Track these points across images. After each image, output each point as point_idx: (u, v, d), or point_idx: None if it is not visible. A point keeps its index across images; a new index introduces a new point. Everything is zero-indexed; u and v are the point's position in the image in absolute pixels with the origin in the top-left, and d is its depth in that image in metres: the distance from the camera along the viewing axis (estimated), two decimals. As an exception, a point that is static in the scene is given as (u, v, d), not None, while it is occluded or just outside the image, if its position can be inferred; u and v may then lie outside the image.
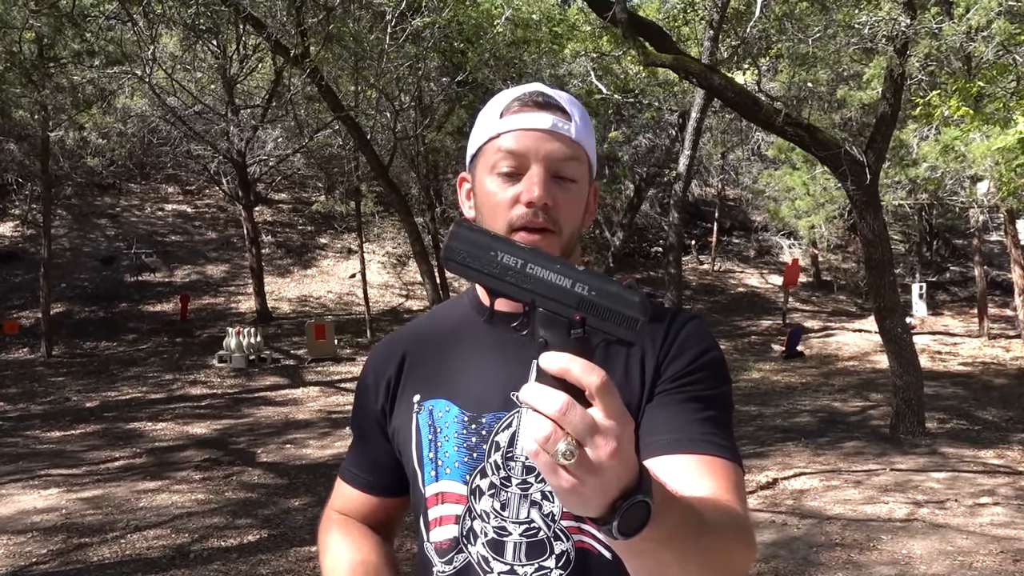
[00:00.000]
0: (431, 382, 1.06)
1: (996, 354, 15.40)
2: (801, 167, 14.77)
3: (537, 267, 0.67)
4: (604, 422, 0.61)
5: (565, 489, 0.62)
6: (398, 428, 1.08)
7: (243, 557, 4.97)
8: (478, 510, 1.00)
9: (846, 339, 16.72)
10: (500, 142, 0.99)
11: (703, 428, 0.93)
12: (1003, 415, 10.10)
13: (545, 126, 0.98)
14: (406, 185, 18.23)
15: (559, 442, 0.59)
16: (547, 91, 1.02)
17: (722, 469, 0.90)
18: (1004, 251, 18.85)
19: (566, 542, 0.98)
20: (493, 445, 1.00)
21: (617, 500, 0.63)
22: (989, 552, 4.86)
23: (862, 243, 8.78)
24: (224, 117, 15.61)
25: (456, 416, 1.02)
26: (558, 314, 0.66)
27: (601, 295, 0.66)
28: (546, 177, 0.97)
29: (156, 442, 8.71)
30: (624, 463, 0.62)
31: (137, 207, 20.32)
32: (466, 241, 0.70)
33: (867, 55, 11.75)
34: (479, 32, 13.53)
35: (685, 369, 0.98)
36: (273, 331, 15.54)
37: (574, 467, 0.60)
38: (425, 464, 1.04)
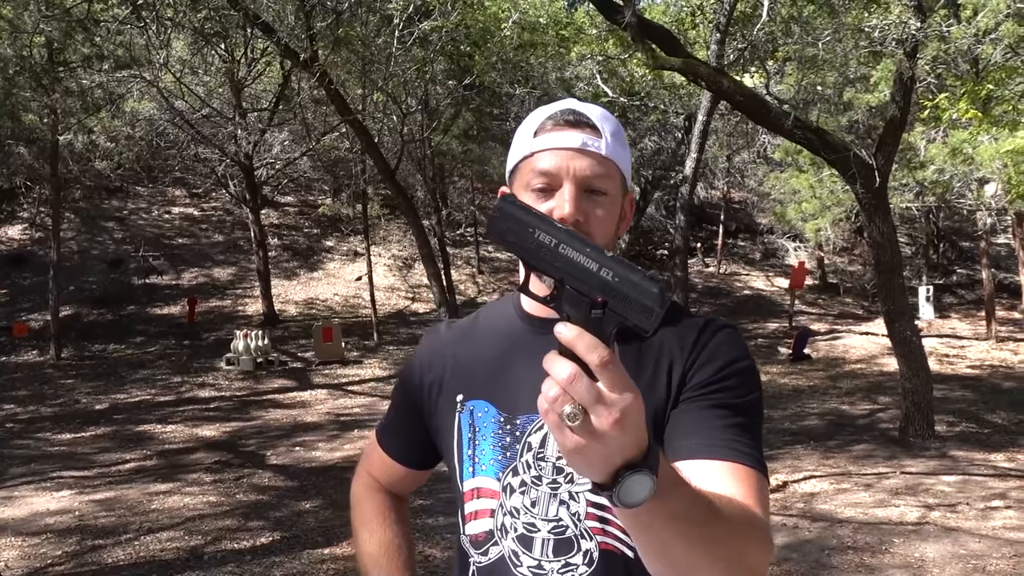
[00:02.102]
0: (473, 383, 1.12)
1: (1004, 357, 15.36)
2: (808, 170, 14.76)
3: (569, 248, 0.72)
4: (608, 394, 0.65)
5: (569, 448, 0.67)
6: (440, 424, 1.15)
7: (256, 559, 4.99)
8: (509, 506, 1.05)
9: (853, 342, 16.70)
10: (533, 161, 1.03)
11: (728, 435, 0.95)
12: (1012, 418, 10.08)
13: (575, 145, 1.02)
14: (412, 188, 18.28)
15: (565, 405, 0.65)
16: (579, 108, 1.05)
17: (745, 476, 0.91)
18: (1012, 254, 18.81)
19: (590, 541, 1.02)
20: (525, 445, 1.05)
21: (620, 469, 0.67)
22: (1002, 556, 4.85)
23: (871, 246, 8.78)
24: (232, 120, 15.67)
25: (493, 416, 1.08)
26: (582, 293, 0.70)
27: (623, 282, 0.69)
28: (577, 194, 1.01)
29: (166, 444, 8.74)
30: (628, 435, 0.66)
31: (144, 210, 20.40)
32: (509, 216, 0.75)
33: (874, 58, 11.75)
34: (486, 35, 13.57)
35: (713, 377, 0.99)
36: (280, 334, 15.58)
37: (578, 429, 0.65)
38: (464, 461, 1.10)
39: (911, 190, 14.60)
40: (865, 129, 15.21)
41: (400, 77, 12.97)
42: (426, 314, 17.78)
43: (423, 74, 13.43)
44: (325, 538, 5.40)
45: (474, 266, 20.97)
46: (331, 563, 4.90)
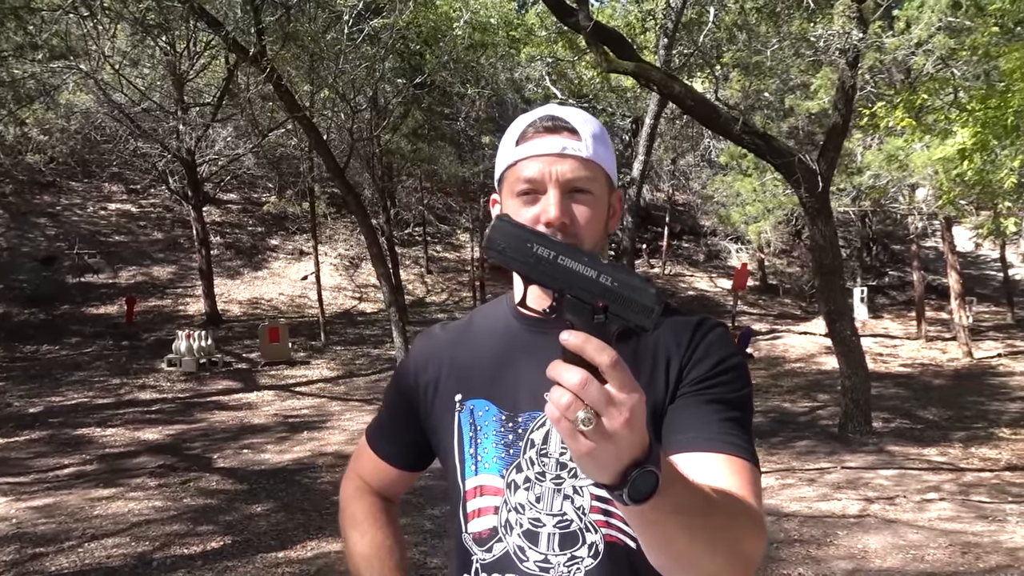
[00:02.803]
0: (472, 383, 1.13)
1: (934, 356, 16.06)
2: (752, 173, 15.15)
3: (567, 259, 0.75)
4: (618, 395, 0.68)
5: (583, 453, 0.69)
6: (437, 424, 1.16)
7: (208, 564, 4.87)
8: (513, 503, 1.07)
9: (792, 341, 17.21)
10: (518, 169, 1.06)
11: (723, 428, 0.98)
12: (943, 414, 10.55)
13: (556, 150, 1.04)
14: (360, 186, 18.08)
15: (579, 411, 0.67)
16: (559, 113, 1.08)
17: (740, 468, 0.95)
18: (940, 256, 19.66)
19: (595, 534, 1.04)
20: (528, 442, 1.07)
21: (628, 468, 0.71)
22: (939, 545, 5.08)
23: (813, 249, 9.08)
24: (173, 115, 15.24)
25: (495, 415, 1.10)
26: (583, 301, 0.74)
27: (622, 286, 0.73)
28: (561, 197, 1.04)
29: (107, 448, 8.45)
30: (635, 433, 0.69)
31: (79, 206, 19.65)
32: (506, 234, 0.78)
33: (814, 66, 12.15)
34: (437, 34, 13.53)
35: (708, 373, 1.03)
36: (224, 334, 15.21)
37: (591, 433, 0.67)
38: (466, 459, 1.11)
39: (848, 195, 15.13)
40: (805, 135, 15.71)
41: (349, 74, 12.81)
42: (374, 314, 17.61)
43: (373, 72, 13.30)
44: (279, 541, 5.31)
45: (422, 266, 20.86)
46: (286, 566, 4.82)
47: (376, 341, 15.62)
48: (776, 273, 23.38)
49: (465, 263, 20.97)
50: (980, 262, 24.55)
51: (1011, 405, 11.30)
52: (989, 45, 8.73)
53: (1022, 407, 11.15)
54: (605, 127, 5.16)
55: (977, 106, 8.25)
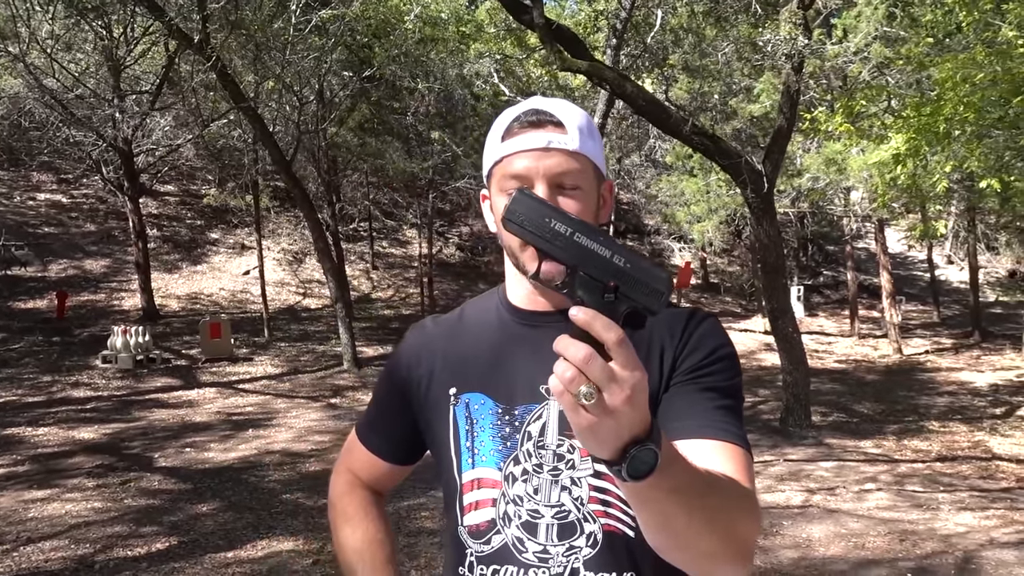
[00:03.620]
0: (466, 376, 1.13)
1: (866, 352, 16.69)
2: (698, 174, 15.46)
3: (584, 236, 0.76)
4: (620, 372, 0.69)
5: (583, 427, 0.70)
6: (431, 418, 1.15)
7: (154, 566, 4.73)
8: (511, 495, 1.08)
9: (733, 338, 17.52)
10: (504, 165, 1.06)
11: (716, 416, 1.01)
12: (877, 408, 10.98)
13: (541, 144, 1.04)
14: (305, 180, 17.75)
15: (581, 385, 0.68)
16: (543, 106, 1.07)
17: (734, 454, 0.98)
18: (873, 257, 20.44)
19: (593, 523, 1.05)
20: (525, 435, 1.07)
21: (628, 444, 0.72)
22: (878, 533, 5.30)
23: (757, 248, 9.32)
24: (109, 103, 14.67)
25: (491, 408, 1.10)
26: (596, 279, 0.75)
27: (635, 268, 0.75)
28: (550, 192, 1.03)
29: (39, 448, 8.10)
30: (636, 411, 0.70)
31: (5, 196, 18.74)
32: (525, 206, 0.79)
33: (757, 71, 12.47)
34: (387, 28, 13.38)
35: (701, 362, 1.06)
36: (162, 330, 14.74)
37: (592, 408, 0.68)
38: (463, 452, 1.11)
39: (788, 196, 15.59)
40: (747, 137, 16.10)
41: (296, 65, 12.56)
42: (319, 310, 17.33)
43: (320, 63, 13.07)
44: (227, 541, 5.18)
45: (368, 262, 20.62)
46: (236, 567, 4.72)
47: (321, 337, 15.38)
48: (718, 272, 23.93)
49: (412, 259, 20.82)
50: (909, 263, 25.63)
51: (939, 399, 11.84)
52: (922, 55, 9.12)
53: (949, 401, 11.69)
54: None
55: (911, 113, 8.61)
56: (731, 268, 24.33)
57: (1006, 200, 10.35)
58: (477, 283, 20.65)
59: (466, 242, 22.60)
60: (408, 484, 6.31)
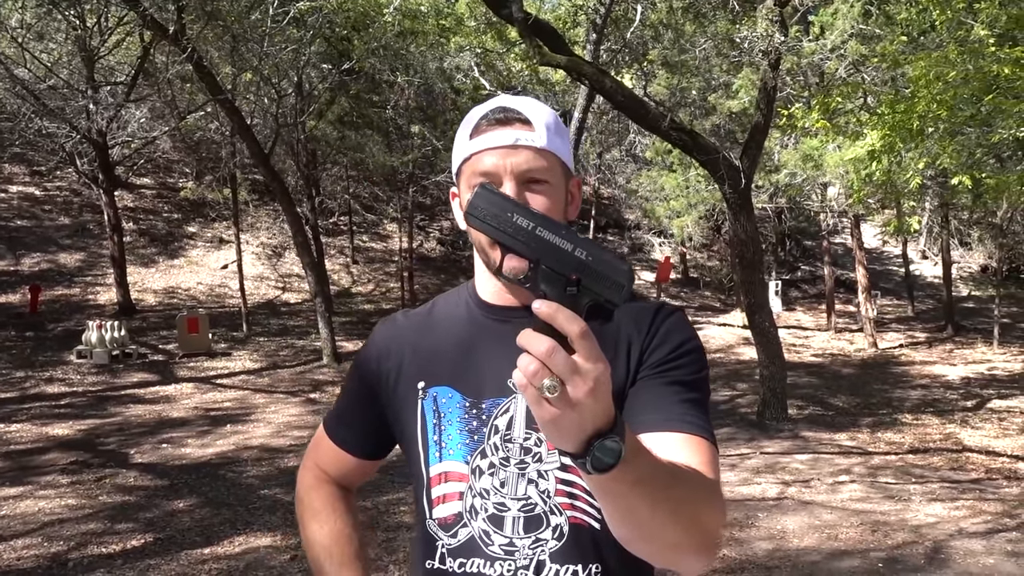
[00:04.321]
0: (435, 370, 1.14)
1: (842, 346, 16.89)
2: (677, 169, 15.53)
3: (545, 231, 0.77)
4: (584, 364, 0.69)
5: (547, 420, 0.71)
6: (400, 411, 1.16)
7: (129, 563, 4.69)
8: (478, 488, 1.09)
9: (712, 332, 17.79)
10: (473, 163, 1.06)
11: (682, 409, 1.03)
12: (852, 401, 11.13)
13: (509, 142, 1.05)
14: (284, 173, 17.61)
15: (544, 378, 0.68)
16: (510, 104, 1.08)
17: (699, 446, 1.00)
18: (849, 252, 20.67)
19: (560, 516, 1.07)
20: (492, 428, 1.09)
21: (592, 437, 0.72)
22: (851, 524, 5.38)
23: (735, 243, 9.40)
24: (83, 94, 14.45)
25: (458, 402, 1.11)
26: (558, 272, 0.76)
27: (596, 261, 0.75)
28: (518, 188, 1.04)
29: (12, 445, 7.99)
30: (599, 403, 0.71)
31: (-24, 188, 18.43)
32: (487, 201, 0.80)
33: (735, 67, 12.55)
34: (366, 20, 13.29)
35: (667, 356, 1.07)
36: (138, 324, 14.58)
37: (556, 400, 0.69)
38: (430, 446, 1.13)
39: (765, 191, 15.72)
40: (726, 132, 16.20)
41: (274, 57, 12.44)
42: (298, 304, 17.23)
43: (299, 56, 12.96)
44: (204, 538, 5.16)
45: (348, 256, 20.52)
46: (213, 563, 4.70)
47: (301, 332, 15.29)
48: (697, 266, 24.08)
49: (392, 253, 20.74)
50: (884, 258, 25.96)
51: (912, 392, 12.03)
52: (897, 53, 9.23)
53: (922, 394, 11.88)
54: None
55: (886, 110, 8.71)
56: (711, 263, 24.50)
57: (978, 196, 10.51)
58: (458, 277, 20.62)
59: (447, 236, 22.55)
60: (387, 479, 6.31)
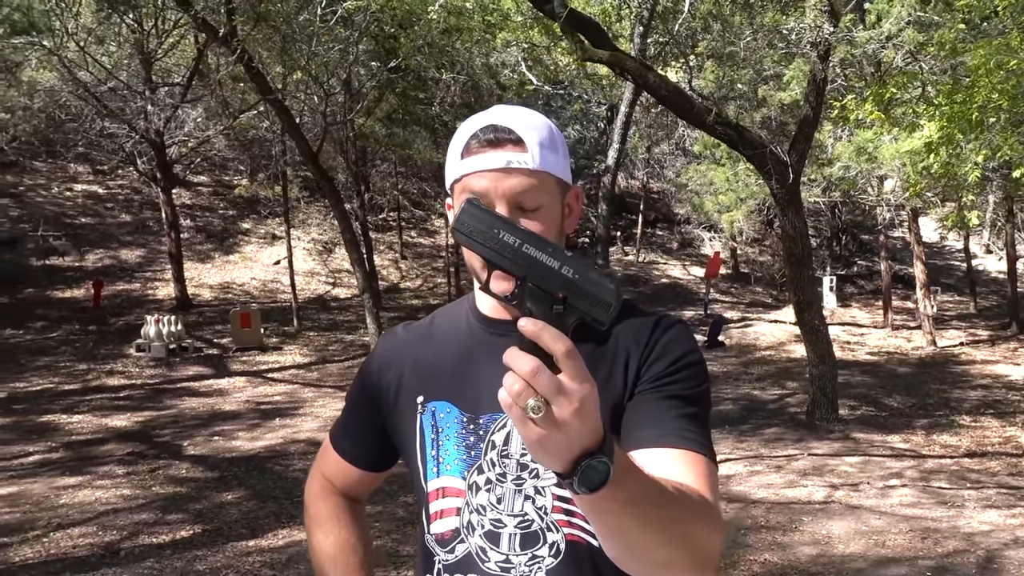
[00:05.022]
0: (433, 385, 1.14)
1: (899, 344, 16.38)
2: (725, 163, 15.25)
3: (532, 248, 0.76)
4: (569, 384, 0.68)
5: (533, 440, 0.70)
6: (400, 425, 1.16)
7: (177, 553, 4.85)
8: (475, 504, 1.08)
9: (763, 329, 17.44)
10: (462, 184, 1.05)
11: (680, 424, 1.00)
12: (907, 402, 10.78)
13: (500, 164, 1.02)
14: (334, 171, 17.89)
15: (529, 398, 0.67)
16: (502, 122, 1.04)
17: (695, 462, 0.97)
18: (907, 247, 20.01)
19: (556, 533, 1.05)
20: (489, 444, 1.07)
21: (579, 457, 0.71)
22: (900, 531, 5.22)
23: (783, 239, 9.19)
24: (141, 95, 14.92)
25: (456, 417, 1.10)
26: (544, 290, 0.75)
27: (583, 279, 0.74)
28: (510, 213, 1.03)
29: (73, 435, 8.33)
30: (586, 423, 0.70)
31: (43, 186, 19.21)
32: (474, 217, 0.79)
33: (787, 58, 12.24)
34: (412, 18, 13.38)
35: (666, 370, 1.05)
36: (194, 319, 15.03)
37: (541, 421, 0.68)
38: (428, 461, 1.12)
39: (819, 185, 15.32)
40: (777, 125, 15.82)
41: (323, 56, 12.63)
42: (347, 299, 17.51)
43: (346, 54, 13.14)
44: (249, 530, 5.29)
45: (397, 251, 20.76)
46: (257, 555, 4.82)
47: (350, 327, 15.54)
48: (748, 262, 23.64)
49: (440, 249, 20.90)
50: (945, 252, 25.05)
51: (972, 393, 11.59)
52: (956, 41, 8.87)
53: (982, 395, 11.44)
54: (581, 114, 5.20)
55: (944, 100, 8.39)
56: (762, 258, 24.01)
57: (1043, 189, 10.05)
58: (504, 273, 20.67)
59: (494, 231, 22.59)
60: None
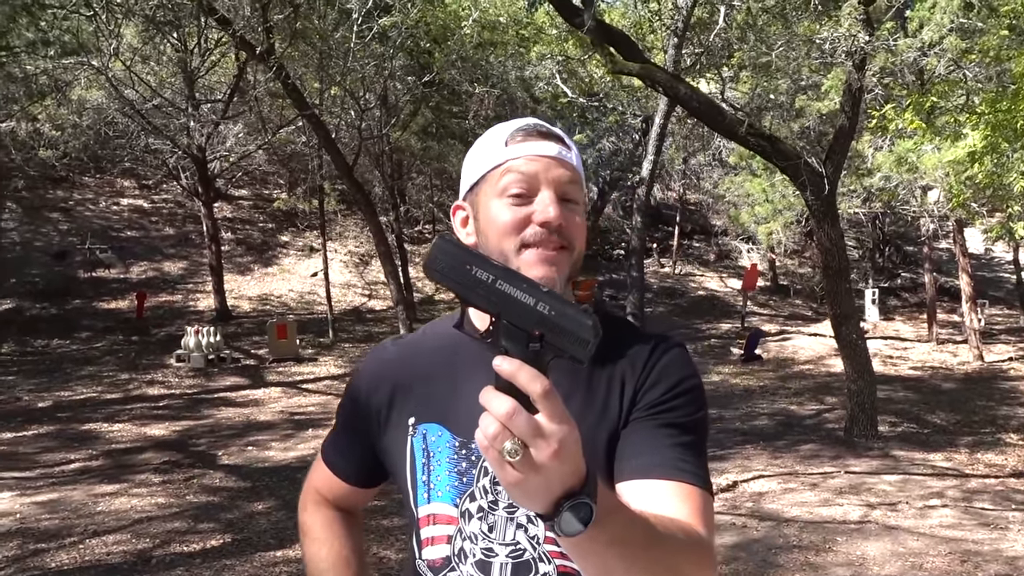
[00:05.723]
0: (425, 406, 1.10)
1: (944, 359, 15.92)
2: (761, 174, 15.06)
3: (506, 284, 0.74)
4: (548, 426, 0.66)
5: (510, 483, 0.68)
6: (390, 447, 1.12)
7: (207, 563, 4.91)
8: (467, 532, 1.05)
9: (802, 343, 17.11)
10: (510, 166, 1.04)
11: (675, 454, 0.97)
12: (951, 419, 10.46)
13: (552, 153, 1.04)
14: (370, 184, 18.12)
15: (506, 441, 0.66)
16: (545, 124, 1.09)
17: (689, 495, 0.94)
18: (953, 258, 19.48)
19: (548, 564, 1.02)
20: (482, 470, 1.04)
21: (560, 499, 0.69)
22: (939, 553, 5.05)
23: (820, 251, 9.02)
24: (184, 112, 15.33)
25: (448, 441, 1.07)
26: (519, 327, 0.73)
27: (559, 315, 0.72)
28: (557, 199, 1.03)
29: (113, 444, 8.53)
30: (566, 465, 0.68)
31: (91, 201, 19.82)
32: (447, 254, 0.77)
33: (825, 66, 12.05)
34: (446, 33, 13.53)
35: (662, 397, 1.02)
36: (233, 330, 15.31)
37: (519, 464, 0.66)
38: (419, 486, 1.09)
39: (859, 196, 15.02)
40: (816, 135, 15.58)
41: (358, 72, 12.83)
42: (383, 311, 17.66)
43: (382, 70, 13.32)
44: (278, 540, 5.34)
45: (431, 263, 20.88)
46: (283, 566, 4.85)
47: (384, 338, 15.66)
48: (788, 274, 23.26)
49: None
50: (994, 264, 24.33)
51: (1020, 410, 11.20)
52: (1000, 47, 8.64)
53: (1032, 412, 11.04)
54: (616, 125, 5.29)
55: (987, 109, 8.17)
56: (802, 270, 23.60)
57: (1094, 200, 9.71)
58: (539, 285, 20.67)
59: (529, 244, 22.63)
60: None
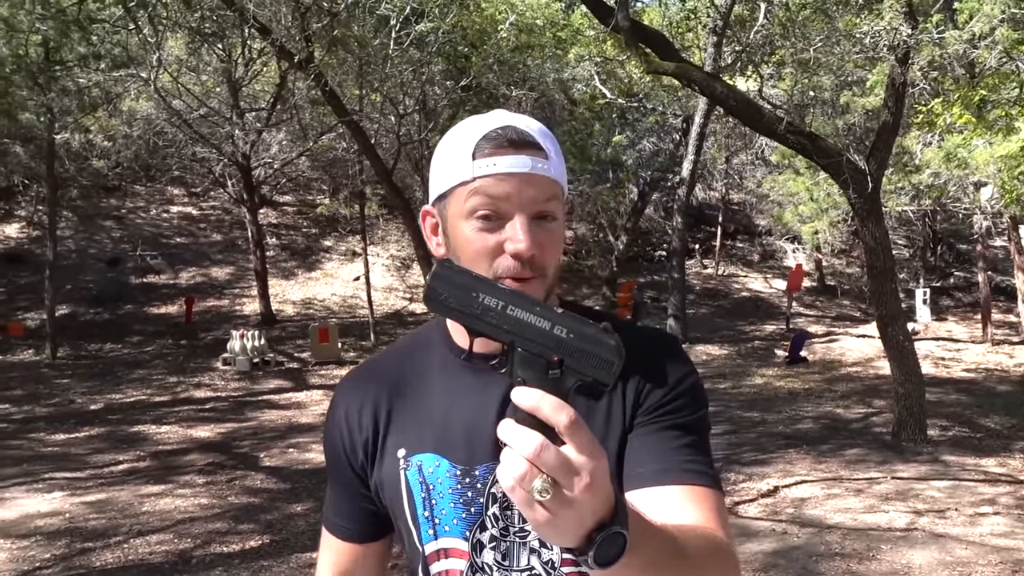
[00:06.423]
0: (415, 434, 1.02)
1: (1000, 360, 15.37)
2: (804, 172, 14.76)
3: (517, 309, 0.69)
4: (577, 459, 0.63)
5: (541, 523, 0.64)
6: (383, 483, 1.04)
7: (245, 563, 5.00)
8: (480, 563, 1.00)
9: (849, 344, 16.69)
10: (476, 186, 0.93)
11: (683, 456, 0.95)
12: (1006, 423, 10.09)
13: (524, 169, 0.93)
14: (410, 188, 18.27)
15: (535, 479, 0.62)
16: (518, 125, 0.95)
17: (702, 496, 0.92)
18: (1008, 256, 18.81)
19: None
20: (490, 498, 0.99)
21: (593, 531, 0.66)
22: (988, 563, 4.86)
23: (864, 250, 8.80)
24: (229, 120, 15.68)
25: (447, 471, 1.00)
26: (536, 354, 0.68)
27: (579, 337, 0.68)
28: (530, 225, 0.93)
29: (160, 445, 8.76)
30: (598, 496, 0.65)
31: (143, 209, 20.41)
32: (448, 281, 0.71)
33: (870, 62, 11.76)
34: (483, 37, 13.58)
35: (663, 399, 0.99)
36: (277, 334, 15.59)
37: (549, 502, 0.62)
38: (421, 523, 1.01)
39: (907, 193, 14.62)
40: (862, 132, 15.20)
41: (397, 78, 12.96)
42: (423, 315, 17.79)
43: (420, 75, 13.43)
44: (314, 542, 5.36)
45: (472, 266, 20.97)
46: (319, 567, 4.91)
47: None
48: (835, 274, 22.73)
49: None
50: (1053, 262, 23.39)
51: (1081, 414, 10.74)
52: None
53: (1093, 416, 10.58)
54: (656, 126, 5.20)
55: (1039, 101, 7.88)
56: (849, 270, 23.04)
57: None
58: (580, 287, 20.60)
59: (569, 246, 22.58)
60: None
